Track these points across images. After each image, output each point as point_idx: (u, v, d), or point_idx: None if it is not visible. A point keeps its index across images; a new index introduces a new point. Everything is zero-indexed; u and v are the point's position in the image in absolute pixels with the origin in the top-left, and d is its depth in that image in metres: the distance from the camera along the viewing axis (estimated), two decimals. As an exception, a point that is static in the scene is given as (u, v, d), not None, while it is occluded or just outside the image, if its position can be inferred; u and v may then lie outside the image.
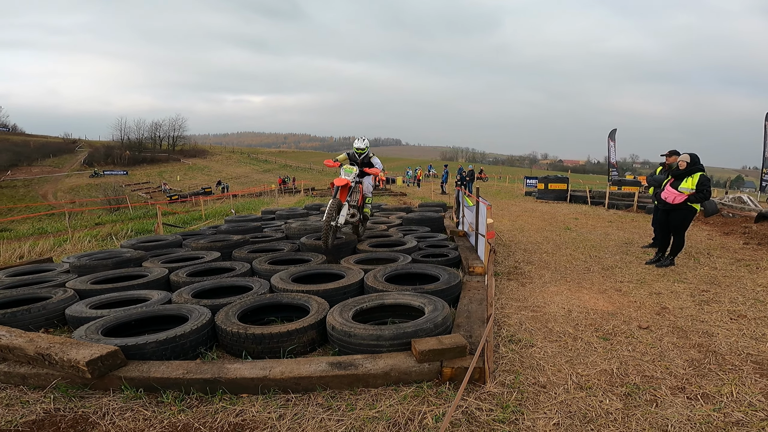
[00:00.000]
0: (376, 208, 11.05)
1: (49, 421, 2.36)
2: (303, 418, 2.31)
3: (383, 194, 21.30)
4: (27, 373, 2.73)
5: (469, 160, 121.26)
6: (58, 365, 2.66)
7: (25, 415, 2.39)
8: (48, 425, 2.33)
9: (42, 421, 2.36)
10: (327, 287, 3.77)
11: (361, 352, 2.76)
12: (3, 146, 67.11)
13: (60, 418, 2.37)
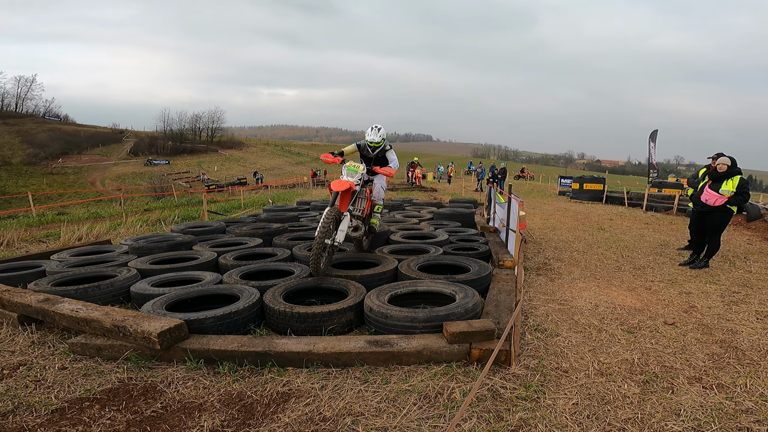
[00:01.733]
0: (407, 202, 11.25)
1: (123, 389, 2.59)
2: (342, 389, 2.57)
3: (414, 189, 21.46)
4: (102, 345, 2.99)
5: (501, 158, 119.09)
6: (131, 336, 2.90)
7: (101, 384, 2.64)
8: (122, 393, 2.55)
9: (117, 389, 2.60)
10: (364, 273, 4.05)
11: (395, 332, 3.01)
12: (55, 135, 71.52)
13: (132, 387, 2.61)
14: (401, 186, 23.79)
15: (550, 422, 2.27)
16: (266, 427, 2.23)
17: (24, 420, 2.29)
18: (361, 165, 4.52)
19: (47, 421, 2.27)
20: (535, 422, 2.27)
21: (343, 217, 4.27)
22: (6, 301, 3.58)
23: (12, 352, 3.07)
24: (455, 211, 8.51)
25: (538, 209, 13.29)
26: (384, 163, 4.95)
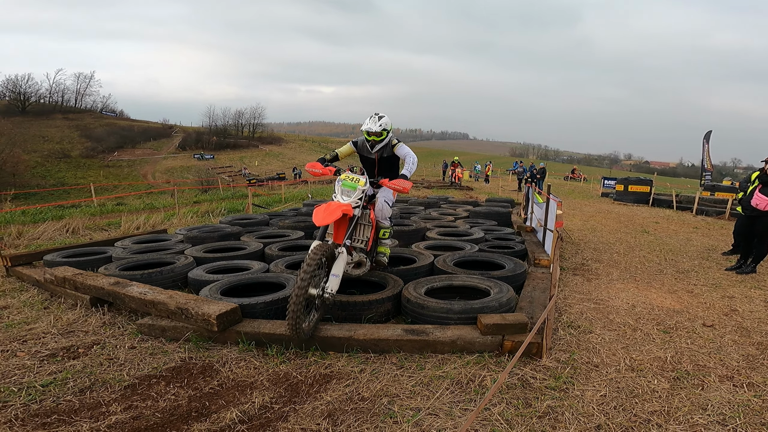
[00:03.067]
0: (443, 200, 11.32)
1: (184, 368, 2.82)
2: (380, 372, 2.77)
3: (450, 188, 21.40)
4: (166, 326, 3.25)
5: (541, 157, 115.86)
6: (192, 318, 3.16)
7: (166, 363, 2.87)
8: (183, 371, 2.78)
9: (179, 368, 2.83)
10: (401, 267, 4.24)
11: (431, 323, 3.18)
12: (111, 130, 76.28)
13: (192, 366, 2.84)
14: (437, 184, 23.75)
15: (577, 411, 2.38)
16: (310, 405, 2.44)
17: (100, 395, 2.53)
18: (361, 177, 3.38)
19: (121, 397, 2.52)
20: (563, 410, 2.38)
21: (338, 254, 3.07)
22: (79, 284, 3.97)
23: (86, 332, 3.39)
24: (491, 210, 8.53)
25: (578, 210, 12.98)
26: (392, 167, 3.94)
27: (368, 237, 3.53)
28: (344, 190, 3.33)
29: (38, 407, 2.39)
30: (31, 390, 2.55)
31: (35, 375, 2.72)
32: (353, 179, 3.35)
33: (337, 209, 3.09)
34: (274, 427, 2.22)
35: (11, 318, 3.68)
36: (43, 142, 66.18)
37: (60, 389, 2.56)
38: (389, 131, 3.79)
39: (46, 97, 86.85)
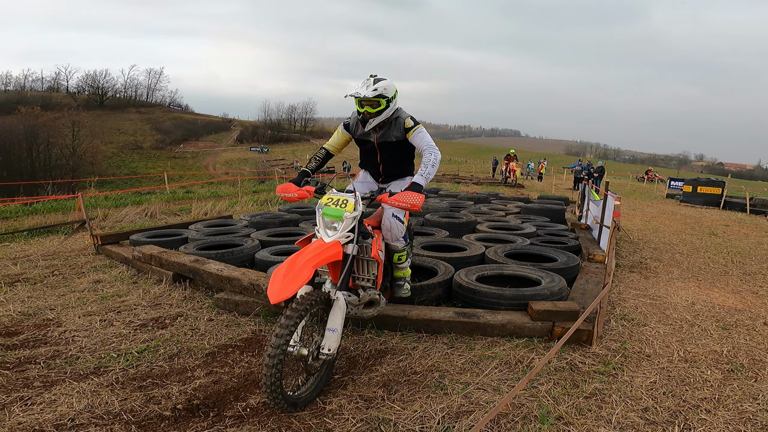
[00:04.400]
0: (493, 196, 11.22)
1: (255, 339, 3.06)
2: (431, 350, 2.94)
3: (499, 185, 21.01)
4: (239, 301, 3.52)
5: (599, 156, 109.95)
6: (263, 294, 3.36)
7: (239, 334, 3.12)
8: (254, 342, 3.01)
9: (251, 339, 3.08)
10: (453, 255, 4.38)
11: (481, 308, 3.31)
12: (178, 123, 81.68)
13: (262, 337, 3.09)
14: (486, 180, 23.38)
15: (625, 394, 2.44)
16: (366, 375, 2.65)
17: (186, 362, 2.79)
18: (349, 197, 2.44)
19: (203, 363, 2.80)
20: (610, 393, 2.45)
21: (334, 299, 2.31)
22: (164, 261, 4.43)
23: (170, 305, 3.76)
24: (544, 207, 8.40)
25: (639, 211, 12.36)
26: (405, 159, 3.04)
27: (375, 273, 2.70)
28: (326, 222, 2.38)
29: (135, 372, 2.66)
30: (128, 356, 2.85)
31: (130, 343, 3.04)
32: (338, 202, 2.38)
33: (307, 264, 2.15)
34: (335, 394, 2.44)
35: (105, 291, 4.16)
36: (119, 134, 72.18)
37: (152, 355, 2.87)
38: (391, 100, 2.76)
39: (121, 91, 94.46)
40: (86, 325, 3.31)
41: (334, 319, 2.29)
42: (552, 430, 2.15)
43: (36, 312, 3.62)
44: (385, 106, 2.79)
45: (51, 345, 2.99)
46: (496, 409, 1.39)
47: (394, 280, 3.16)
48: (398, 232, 2.91)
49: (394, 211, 2.87)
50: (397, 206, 2.48)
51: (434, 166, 2.72)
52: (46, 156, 48.98)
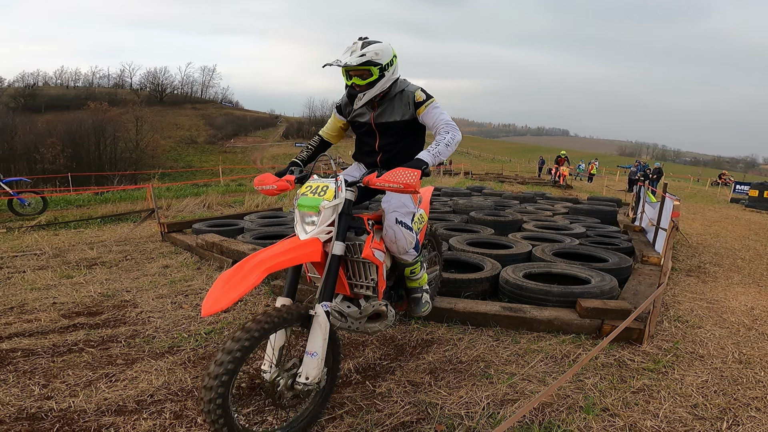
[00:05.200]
0: (539, 196, 10.98)
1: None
2: (477, 342, 3.01)
3: (545, 184, 20.41)
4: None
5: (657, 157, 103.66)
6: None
7: None
8: None
9: None
10: (499, 252, 4.41)
11: (528, 304, 3.34)
12: (229, 119, 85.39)
13: None
14: (532, 180, 22.78)
15: (674, 391, 2.44)
16: (414, 363, 2.76)
17: None
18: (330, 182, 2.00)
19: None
20: (659, 389, 2.45)
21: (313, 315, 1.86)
22: (225, 248, 4.76)
23: None
24: (594, 208, 8.15)
25: (700, 215, 11.66)
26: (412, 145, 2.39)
27: (375, 279, 2.14)
28: (303, 214, 1.95)
29: (204, 351, 2.81)
30: (197, 337, 3.02)
31: (198, 324, 3.27)
32: (317, 190, 1.96)
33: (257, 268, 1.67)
34: (384, 378, 2.57)
35: (173, 275, 4.51)
36: (176, 129, 76.50)
37: (218, 337, 3.09)
38: (386, 68, 2.17)
39: (178, 88, 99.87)
40: (159, 307, 3.61)
41: (314, 341, 1.78)
42: (597, 420, 2.19)
43: (114, 293, 3.93)
44: (378, 75, 2.16)
45: (129, 325, 3.26)
46: (540, 396, 1.46)
47: (409, 292, 2.50)
48: (405, 243, 2.21)
49: (398, 215, 2.22)
50: (387, 187, 1.88)
51: (449, 146, 2.10)
52: (113, 149, 52.87)
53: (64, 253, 5.54)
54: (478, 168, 39.18)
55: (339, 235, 1.95)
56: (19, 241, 6.60)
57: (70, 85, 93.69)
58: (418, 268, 2.42)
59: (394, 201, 2.29)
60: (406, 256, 2.30)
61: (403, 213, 2.27)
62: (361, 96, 2.26)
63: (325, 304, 1.87)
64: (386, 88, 2.26)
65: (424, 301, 2.53)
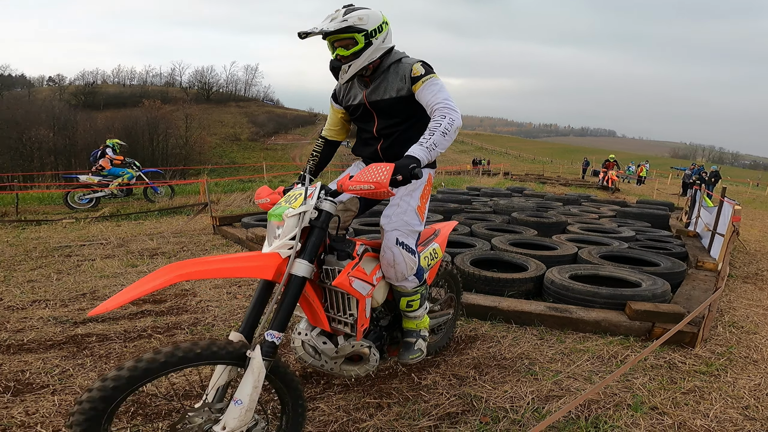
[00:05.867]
0: (584, 198, 10.66)
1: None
2: (521, 340, 3.05)
3: (590, 187, 19.68)
4: None
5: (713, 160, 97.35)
6: None
7: None
8: None
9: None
10: (543, 253, 4.39)
11: (574, 305, 3.33)
12: (270, 117, 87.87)
13: None
14: (575, 182, 22.06)
15: (726, 393, 2.40)
16: (458, 358, 2.83)
17: None
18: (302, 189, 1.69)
19: None
20: (710, 391, 2.42)
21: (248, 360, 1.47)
22: None
23: None
24: (644, 212, 7.86)
25: (759, 221, 10.95)
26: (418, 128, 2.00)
27: (354, 313, 1.79)
28: (270, 225, 1.67)
29: None
30: None
31: None
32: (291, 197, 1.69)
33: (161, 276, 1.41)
34: (429, 371, 2.65)
35: None
36: (221, 126, 79.59)
37: None
38: (373, 35, 1.88)
39: (223, 86, 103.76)
40: (216, 297, 3.82)
41: (243, 387, 1.45)
42: (645, 417, 2.19)
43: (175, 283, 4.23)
44: (364, 44, 1.87)
45: (191, 313, 3.46)
46: (588, 393, 1.50)
47: (404, 334, 2.17)
48: (405, 268, 1.92)
49: (399, 234, 1.92)
50: (358, 191, 1.54)
51: (446, 134, 1.74)
52: (164, 145, 55.82)
53: (127, 243, 5.98)
54: (517, 168, 38.34)
55: (304, 252, 1.58)
56: (85, 231, 7.18)
57: (126, 84, 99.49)
58: (416, 302, 2.06)
59: (396, 218, 1.97)
60: (404, 282, 1.99)
61: (406, 232, 1.96)
62: (346, 68, 1.92)
63: (271, 334, 1.50)
64: (376, 59, 1.95)
65: (417, 348, 2.12)
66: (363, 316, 1.81)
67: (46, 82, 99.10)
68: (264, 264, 1.54)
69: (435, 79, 1.94)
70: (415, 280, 2.05)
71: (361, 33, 1.87)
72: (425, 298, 2.14)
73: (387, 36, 1.97)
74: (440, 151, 1.76)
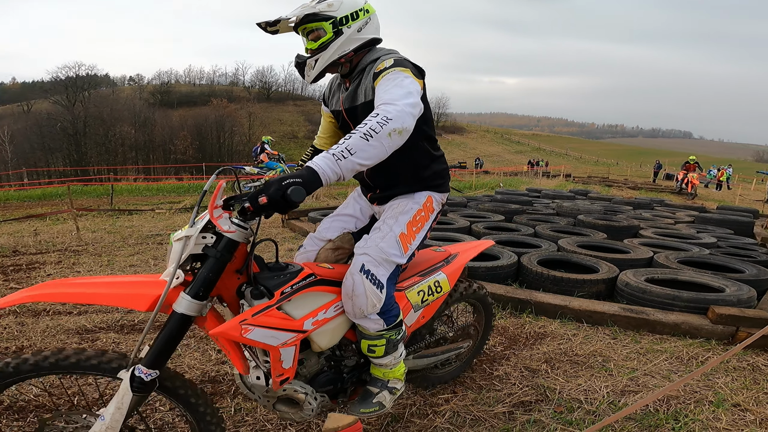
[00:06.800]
0: (656, 203, 10.12)
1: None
2: (593, 339, 3.08)
3: (662, 191, 18.46)
4: None
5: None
6: None
7: None
8: None
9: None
10: (615, 256, 4.34)
11: (650, 307, 3.30)
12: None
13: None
14: (645, 185, 20.77)
15: None
16: (528, 352, 2.90)
17: None
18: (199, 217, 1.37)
19: None
20: None
21: (120, 378, 1.31)
22: None
23: None
24: (726, 218, 7.38)
25: None
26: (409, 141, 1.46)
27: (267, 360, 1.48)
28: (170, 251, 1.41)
29: None
30: None
31: None
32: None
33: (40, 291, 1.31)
34: (500, 363, 2.75)
35: None
36: (279, 124, 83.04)
37: None
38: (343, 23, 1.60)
39: (282, 86, 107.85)
40: None
41: (110, 404, 1.32)
42: (727, 414, 2.20)
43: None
44: (332, 35, 1.59)
45: None
46: (668, 388, 1.53)
47: (369, 380, 1.77)
48: (365, 303, 1.57)
49: (367, 261, 1.60)
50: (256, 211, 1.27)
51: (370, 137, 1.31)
52: (230, 142, 59.37)
53: (209, 232, 6.58)
54: (578, 170, 36.68)
55: (191, 287, 1.31)
56: (171, 221, 7.95)
57: (196, 83, 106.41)
58: (380, 348, 1.65)
59: (371, 241, 1.66)
60: (364, 322, 1.62)
61: (377, 260, 1.60)
62: (312, 63, 1.63)
63: (140, 369, 1.30)
64: (349, 53, 1.63)
65: (375, 402, 1.69)
66: (278, 366, 1.45)
67: (127, 82, 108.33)
68: (137, 294, 1.32)
69: (397, 73, 1.52)
70: (379, 322, 1.62)
71: (329, 21, 1.58)
72: (396, 344, 1.69)
73: (366, 25, 1.65)
74: (363, 161, 1.31)
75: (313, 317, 1.52)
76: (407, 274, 1.92)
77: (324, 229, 1.95)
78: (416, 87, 1.52)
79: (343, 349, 1.74)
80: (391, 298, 1.66)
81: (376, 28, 1.71)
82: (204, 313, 1.38)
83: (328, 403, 1.69)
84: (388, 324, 1.65)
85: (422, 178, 1.82)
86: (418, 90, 1.52)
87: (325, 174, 1.26)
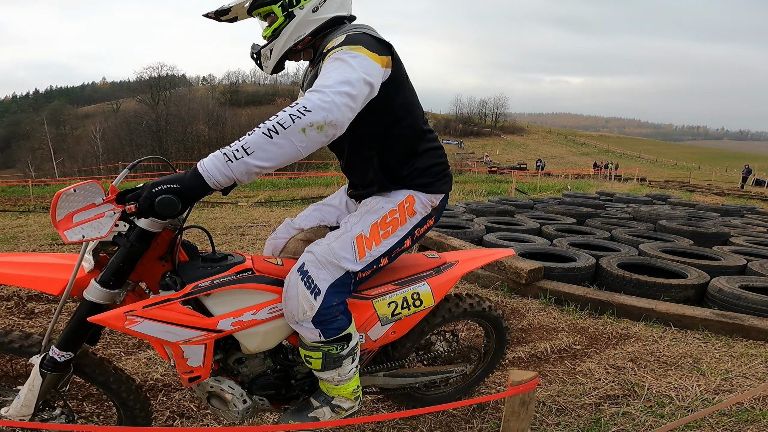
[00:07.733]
0: (747, 210, 9.37)
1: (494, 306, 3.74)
2: (682, 342, 3.03)
3: (752, 197, 16.85)
4: (480, 274, 4.07)
5: None
6: (505, 270, 3.87)
7: None
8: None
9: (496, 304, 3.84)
10: (704, 263, 4.22)
11: (745, 314, 3.22)
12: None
13: (504, 307, 3.54)
14: (732, 191, 19.06)
15: None
16: (611, 351, 2.90)
17: None
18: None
19: None
20: None
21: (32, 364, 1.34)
22: None
23: None
24: (833, 229, 6.73)
25: None
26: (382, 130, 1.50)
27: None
28: None
29: None
30: None
31: None
32: None
33: None
34: (581, 360, 2.77)
35: None
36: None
37: None
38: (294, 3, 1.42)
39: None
40: None
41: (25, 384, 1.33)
42: None
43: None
44: (283, 18, 1.43)
45: None
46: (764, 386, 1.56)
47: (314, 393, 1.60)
48: (296, 307, 1.41)
49: (308, 261, 1.43)
50: None
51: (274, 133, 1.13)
52: (292, 141, 61.77)
53: (281, 225, 7.08)
54: (653, 174, 34.25)
55: (101, 275, 1.27)
56: (248, 214, 8.58)
57: (261, 83, 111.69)
58: (317, 361, 1.47)
59: (325, 239, 1.50)
60: (298, 328, 1.45)
61: (321, 262, 1.43)
62: (268, 53, 1.50)
63: (53, 350, 1.30)
64: (305, 37, 1.46)
65: (311, 416, 1.53)
66: (183, 364, 1.36)
67: (201, 82, 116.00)
68: (53, 276, 1.30)
69: (343, 52, 1.28)
70: (315, 332, 1.42)
71: (277, 3, 1.41)
72: (338, 360, 1.47)
73: (324, 3, 1.44)
74: (261, 163, 1.13)
75: (236, 317, 1.38)
76: (381, 280, 1.65)
77: (303, 216, 1.81)
78: (367, 68, 1.26)
79: (296, 354, 1.59)
80: (331, 308, 1.42)
81: (340, 5, 1.48)
82: (118, 301, 1.32)
83: (268, 407, 1.58)
84: (326, 336, 1.43)
85: (401, 176, 1.55)
86: (368, 72, 1.26)
87: (212, 178, 1.11)
